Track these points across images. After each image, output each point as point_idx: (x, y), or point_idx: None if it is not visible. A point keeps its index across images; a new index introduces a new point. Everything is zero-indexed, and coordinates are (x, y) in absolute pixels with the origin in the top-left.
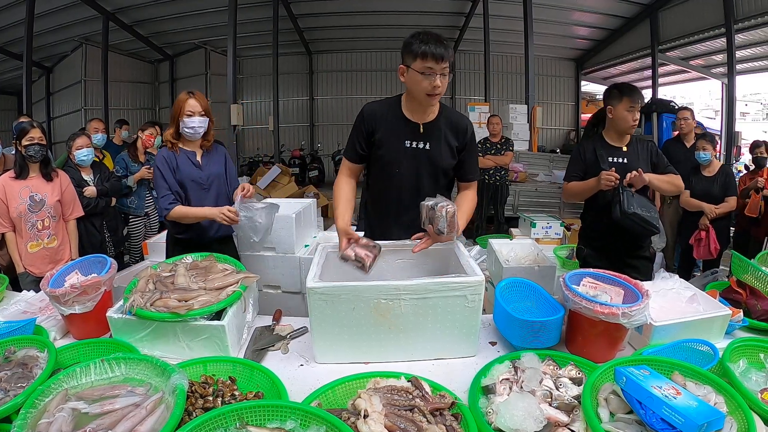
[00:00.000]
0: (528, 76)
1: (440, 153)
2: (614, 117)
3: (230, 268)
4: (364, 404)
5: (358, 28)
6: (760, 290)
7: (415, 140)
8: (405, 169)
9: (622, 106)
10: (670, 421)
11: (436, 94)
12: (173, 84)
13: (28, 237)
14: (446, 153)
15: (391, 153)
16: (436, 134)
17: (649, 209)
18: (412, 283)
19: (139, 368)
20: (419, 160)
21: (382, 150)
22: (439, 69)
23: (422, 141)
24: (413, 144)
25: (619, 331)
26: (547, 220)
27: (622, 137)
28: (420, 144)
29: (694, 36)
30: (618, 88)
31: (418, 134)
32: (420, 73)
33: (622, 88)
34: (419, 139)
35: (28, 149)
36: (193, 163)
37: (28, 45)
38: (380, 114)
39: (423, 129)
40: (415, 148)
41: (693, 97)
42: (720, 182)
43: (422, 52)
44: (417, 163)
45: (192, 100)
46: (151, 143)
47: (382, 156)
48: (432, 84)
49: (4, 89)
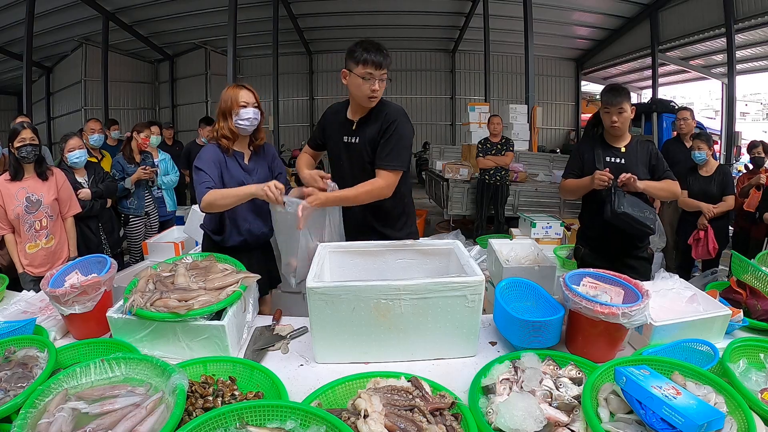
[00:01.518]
0: (528, 76)
1: (365, 146)
2: (602, 118)
3: (230, 268)
4: (364, 404)
5: (357, 28)
6: (760, 290)
7: (348, 135)
8: (345, 161)
9: (601, 108)
10: (670, 421)
11: (374, 97)
12: (173, 84)
13: (26, 238)
14: (370, 146)
15: (333, 147)
16: (366, 129)
17: (642, 209)
18: (412, 283)
19: (139, 368)
20: (351, 153)
21: (329, 144)
22: (378, 75)
23: (354, 136)
24: (349, 139)
25: (619, 331)
26: (547, 220)
27: (618, 138)
28: (353, 139)
29: (694, 36)
30: (602, 92)
31: (351, 130)
32: (361, 78)
33: (602, 92)
34: (352, 134)
35: (21, 150)
36: (241, 167)
37: (28, 45)
38: (332, 112)
39: (356, 126)
40: (348, 143)
41: (693, 97)
42: (717, 182)
43: (363, 60)
44: (350, 156)
45: (244, 91)
46: (146, 146)
47: (329, 150)
48: (371, 88)
49: (4, 89)
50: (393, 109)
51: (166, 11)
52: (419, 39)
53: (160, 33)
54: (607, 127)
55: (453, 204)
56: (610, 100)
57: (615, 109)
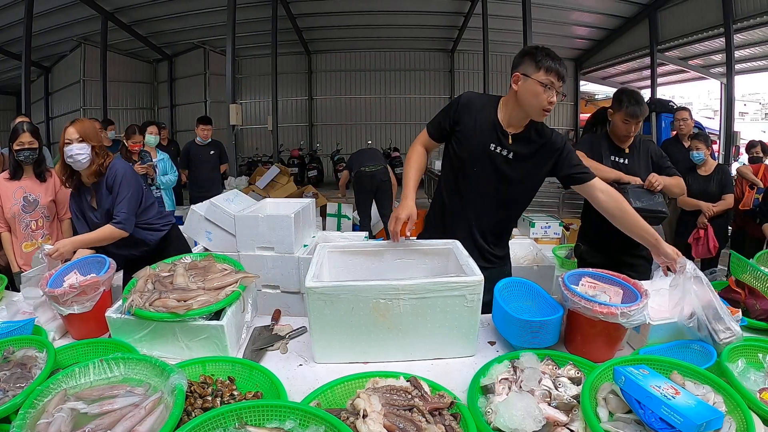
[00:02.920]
0: None
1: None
2: (612, 120)
3: (229, 267)
4: (363, 404)
5: (357, 27)
6: (759, 290)
7: (499, 145)
8: (478, 169)
9: (619, 115)
10: (669, 420)
11: (549, 110)
12: (172, 84)
13: (22, 237)
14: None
15: (466, 146)
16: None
17: (650, 197)
18: (411, 282)
19: (138, 368)
20: (493, 165)
21: (463, 146)
22: (557, 87)
23: (506, 149)
24: (497, 149)
25: (618, 330)
26: (546, 219)
27: (621, 141)
28: (504, 151)
29: (693, 36)
30: (622, 96)
31: (507, 143)
32: (542, 85)
33: (624, 98)
34: (503, 146)
35: (18, 154)
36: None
37: (27, 45)
38: (479, 105)
39: (512, 139)
40: (494, 152)
41: (692, 97)
42: (716, 181)
43: (548, 66)
44: (488, 166)
45: (70, 128)
46: (137, 151)
47: (461, 152)
48: (549, 99)
49: (3, 89)
50: (559, 136)
51: (165, 11)
52: (418, 39)
53: (159, 33)
54: (621, 134)
55: None
56: (636, 113)
57: (636, 122)
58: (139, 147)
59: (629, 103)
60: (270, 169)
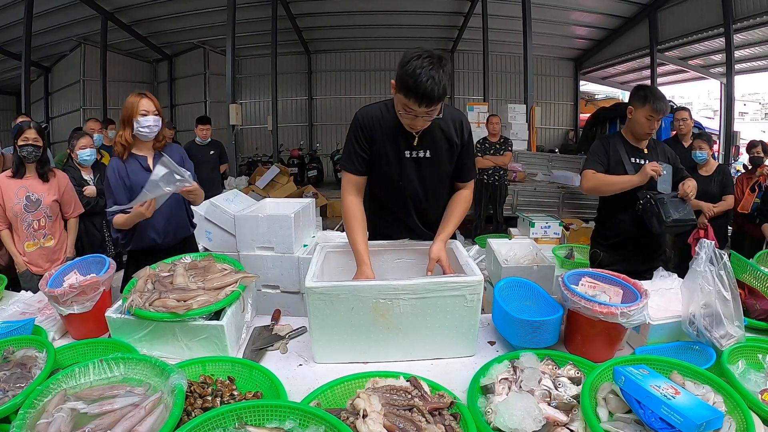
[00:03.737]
0: (527, 76)
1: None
2: (633, 118)
3: (229, 267)
4: (362, 404)
5: (356, 27)
6: (759, 290)
7: (411, 150)
8: (407, 179)
9: (643, 111)
10: (669, 420)
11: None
12: (172, 84)
13: (24, 236)
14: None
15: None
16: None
17: (684, 207)
18: (411, 282)
19: (137, 368)
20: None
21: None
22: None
23: (421, 150)
24: (413, 154)
25: (618, 330)
26: (546, 219)
27: (641, 139)
28: (419, 153)
29: (693, 36)
30: (644, 92)
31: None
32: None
33: (648, 94)
34: (416, 148)
35: (22, 149)
36: (143, 168)
37: (27, 45)
38: (377, 120)
39: (418, 139)
40: (415, 158)
41: (692, 96)
42: (717, 181)
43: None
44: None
45: (145, 100)
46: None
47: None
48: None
49: (3, 89)
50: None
51: (165, 11)
52: (418, 39)
53: (159, 33)
54: (643, 132)
55: None
56: (663, 109)
57: (659, 117)
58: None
59: (654, 98)
60: (270, 169)
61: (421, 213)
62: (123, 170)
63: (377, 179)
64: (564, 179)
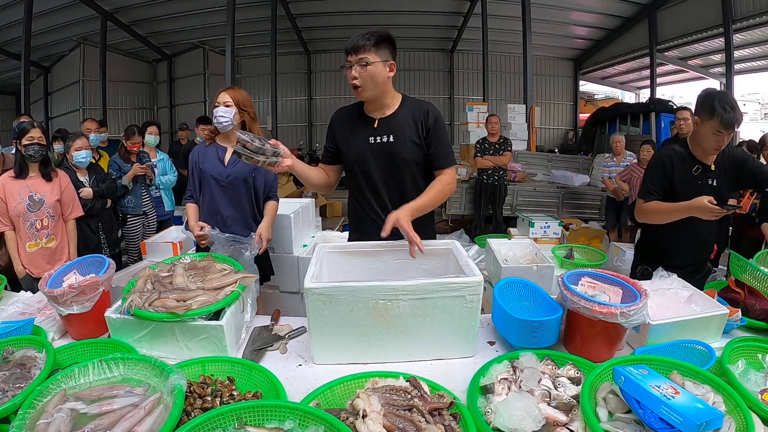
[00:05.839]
0: (526, 76)
1: (404, 145)
2: (698, 131)
3: (228, 268)
4: (362, 404)
5: (356, 27)
6: (759, 290)
7: (375, 135)
8: (373, 165)
9: (710, 125)
10: (669, 420)
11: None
12: (171, 84)
13: (26, 237)
14: (410, 145)
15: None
16: (396, 127)
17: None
18: (411, 283)
19: (137, 368)
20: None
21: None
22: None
23: (383, 135)
24: (377, 139)
25: (618, 330)
26: (546, 219)
27: (709, 154)
28: (383, 138)
29: (693, 36)
30: (712, 102)
31: (374, 129)
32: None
33: (716, 104)
34: (378, 133)
35: (28, 149)
36: (220, 159)
37: (27, 45)
38: (345, 113)
39: (378, 123)
40: (379, 143)
41: (691, 96)
42: None
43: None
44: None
45: (223, 93)
46: (136, 152)
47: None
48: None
49: (3, 89)
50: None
51: (165, 11)
52: (418, 39)
53: (159, 33)
54: (708, 147)
55: (451, 203)
56: (733, 122)
57: (726, 134)
58: (138, 148)
59: (724, 109)
60: None
61: (392, 198)
62: (202, 155)
63: (350, 170)
64: (563, 179)
